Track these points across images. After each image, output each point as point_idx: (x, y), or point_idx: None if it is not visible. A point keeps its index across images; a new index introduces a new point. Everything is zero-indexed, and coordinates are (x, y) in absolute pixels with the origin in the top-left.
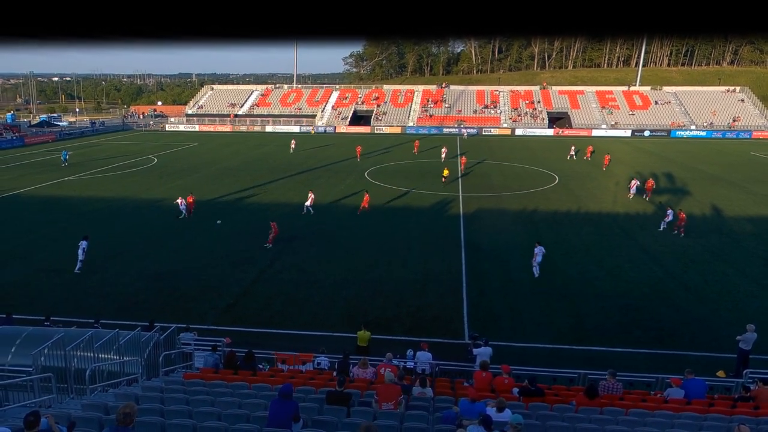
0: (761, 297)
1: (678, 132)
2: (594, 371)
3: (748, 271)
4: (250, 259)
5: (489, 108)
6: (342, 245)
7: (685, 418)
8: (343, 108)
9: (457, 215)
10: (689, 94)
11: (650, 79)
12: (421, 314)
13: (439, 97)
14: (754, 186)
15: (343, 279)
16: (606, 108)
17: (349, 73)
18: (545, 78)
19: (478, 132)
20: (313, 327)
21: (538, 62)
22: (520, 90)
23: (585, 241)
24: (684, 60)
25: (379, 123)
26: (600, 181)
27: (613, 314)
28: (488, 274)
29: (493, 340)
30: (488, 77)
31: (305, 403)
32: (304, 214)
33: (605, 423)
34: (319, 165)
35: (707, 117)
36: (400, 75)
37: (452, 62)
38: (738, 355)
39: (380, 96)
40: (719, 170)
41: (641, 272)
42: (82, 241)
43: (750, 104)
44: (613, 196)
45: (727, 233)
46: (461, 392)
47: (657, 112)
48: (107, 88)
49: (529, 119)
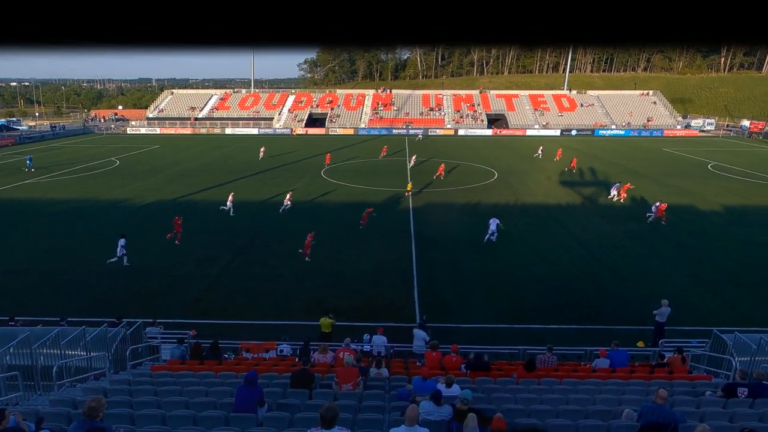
0: (674, 275)
1: (600, 131)
2: (532, 347)
3: (662, 253)
4: (214, 256)
5: (434, 110)
6: (302, 241)
7: (611, 384)
8: (299, 111)
9: (407, 210)
10: (609, 97)
11: (576, 84)
12: (376, 302)
13: (388, 101)
14: (666, 178)
15: (304, 272)
16: (538, 110)
17: (304, 78)
18: (484, 83)
19: (424, 133)
20: (276, 317)
21: (478, 68)
22: (462, 94)
23: (522, 231)
24: (605, 67)
25: (333, 125)
26: (534, 176)
27: (548, 295)
28: (437, 263)
29: (442, 323)
30: (432, 82)
31: (269, 388)
32: (281, 212)
33: (542, 393)
34: (276, 165)
35: (625, 117)
36: (351, 80)
37: (400, 68)
38: (655, 327)
39: (334, 100)
40: (636, 164)
41: (572, 257)
42: (120, 239)
43: (661, 106)
44: (546, 190)
45: (644, 220)
46: (414, 371)
47: (582, 113)
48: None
49: (470, 120)
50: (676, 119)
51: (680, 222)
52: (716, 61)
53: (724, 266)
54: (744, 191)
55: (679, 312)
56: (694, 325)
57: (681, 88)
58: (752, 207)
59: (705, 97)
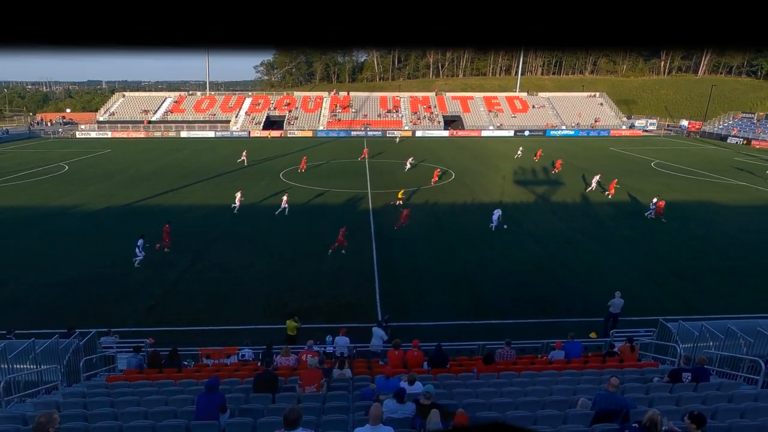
0: (622, 268)
1: (552, 131)
2: (492, 342)
3: (611, 247)
4: (171, 261)
5: (391, 112)
6: (262, 244)
7: (567, 374)
8: (256, 113)
9: (367, 210)
10: (559, 99)
11: (527, 86)
12: (338, 303)
13: (346, 103)
14: (613, 175)
15: (264, 275)
16: (492, 111)
17: (260, 80)
18: (439, 85)
19: (383, 134)
20: (236, 322)
21: (433, 71)
22: (419, 96)
23: (479, 229)
24: (554, 69)
25: (291, 127)
26: (490, 176)
27: (506, 291)
28: (397, 262)
29: (403, 321)
30: (390, 84)
31: (232, 393)
32: (278, 215)
33: (502, 386)
34: (235, 168)
35: (574, 118)
36: (309, 82)
37: (357, 70)
38: (606, 318)
39: (291, 102)
40: (585, 163)
41: (527, 253)
42: (139, 239)
43: (607, 107)
44: (501, 189)
45: (594, 216)
46: (377, 370)
47: (534, 114)
48: (10, 95)
49: (427, 122)
50: (621, 119)
51: (627, 217)
52: (657, 64)
53: (667, 258)
54: (685, 187)
55: (628, 303)
56: (641, 315)
57: (625, 90)
58: (693, 202)
59: (647, 98)
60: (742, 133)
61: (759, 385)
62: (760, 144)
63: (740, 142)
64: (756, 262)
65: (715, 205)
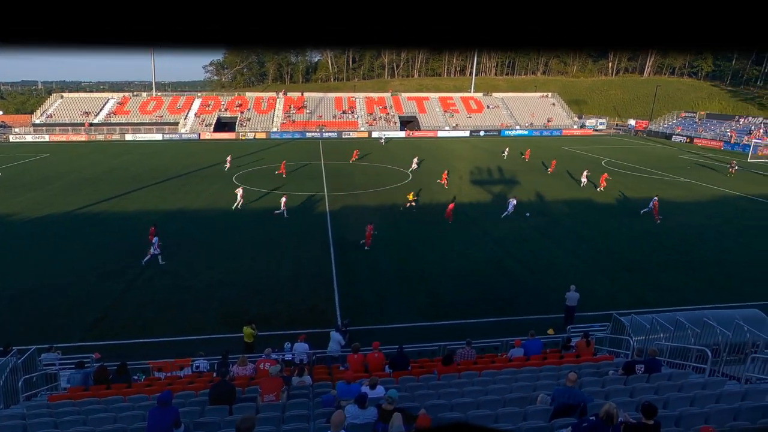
0: (577, 264)
1: (506, 131)
2: (452, 342)
3: (566, 244)
4: (119, 270)
5: (347, 113)
6: (216, 249)
7: (526, 372)
8: (206, 115)
9: (324, 213)
10: (513, 99)
11: (481, 87)
12: (296, 308)
13: (300, 104)
14: (566, 174)
15: (219, 281)
16: (448, 112)
17: (210, 80)
18: (395, 85)
19: (338, 135)
20: (190, 332)
21: (388, 71)
22: (374, 96)
23: (438, 229)
24: (507, 70)
25: (243, 129)
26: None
27: (465, 290)
28: (356, 265)
29: (363, 325)
30: (344, 85)
31: (186, 407)
32: (279, 216)
33: (463, 386)
34: (184, 171)
35: (528, 118)
36: (261, 83)
37: (311, 71)
38: (565, 312)
39: (243, 103)
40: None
41: (485, 252)
42: (153, 237)
43: (559, 107)
44: (459, 188)
45: (549, 215)
46: (338, 376)
47: (489, 114)
48: None
49: (383, 123)
50: (572, 119)
51: (580, 215)
52: (605, 65)
53: (619, 254)
54: (634, 184)
55: (583, 299)
56: (596, 310)
57: (576, 91)
58: (642, 199)
59: (597, 98)
60: (686, 131)
61: (706, 374)
62: (702, 142)
63: (684, 140)
64: (701, 255)
65: (663, 202)
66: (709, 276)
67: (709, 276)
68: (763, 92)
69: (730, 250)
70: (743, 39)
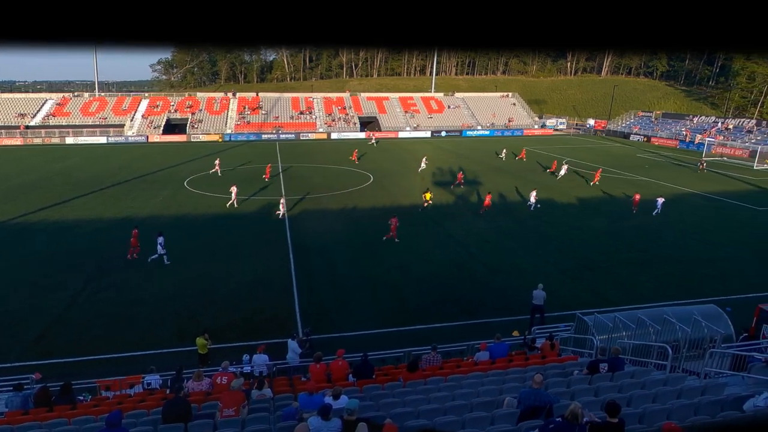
0: (540, 265)
1: (468, 132)
2: (418, 347)
3: (529, 245)
4: (60, 284)
5: (304, 114)
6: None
7: (492, 375)
8: (155, 116)
9: (282, 218)
10: (474, 99)
11: (442, 86)
12: (255, 317)
13: (255, 104)
14: (527, 174)
15: (171, 293)
16: (408, 112)
17: (158, 80)
18: (353, 85)
19: (296, 137)
20: (141, 347)
21: (347, 71)
22: (333, 97)
23: (400, 232)
24: (468, 70)
25: (195, 131)
26: (409, 178)
27: (429, 294)
28: (316, 271)
29: (326, 333)
30: (301, 84)
31: (137, 427)
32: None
33: (429, 392)
34: (132, 177)
35: (489, 118)
36: (213, 82)
37: (266, 70)
38: (531, 311)
39: (194, 104)
40: (501, 163)
41: (449, 254)
42: (158, 237)
43: (520, 107)
44: (421, 190)
45: (512, 215)
46: (300, 387)
47: (450, 115)
48: None
49: (342, 124)
50: (533, 119)
51: (543, 215)
52: (564, 65)
53: (581, 253)
54: (597, 185)
55: (547, 298)
56: (560, 310)
57: (536, 90)
58: (602, 198)
59: (556, 98)
60: (643, 131)
61: (667, 370)
62: (658, 141)
63: (641, 139)
64: (659, 253)
65: (622, 200)
66: (667, 273)
67: (667, 273)
68: (715, 92)
69: (687, 247)
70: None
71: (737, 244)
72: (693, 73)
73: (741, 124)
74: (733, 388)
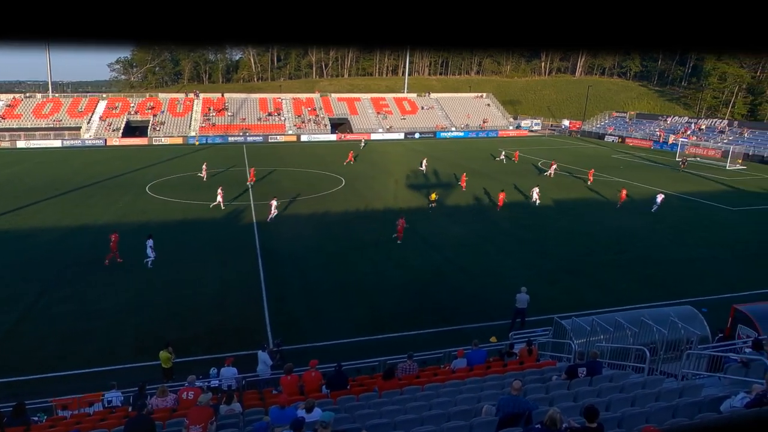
0: (517, 269)
1: (442, 133)
2: (393, 356)
3: (506, 248)
4: (11, 297)
5: (273, 115)
6: (128, 268)
7: (470, 383)
8: (113, 119)
9: (250, 224)
10: (448, 100)
11: (415, 87)
12: (223, 329)
13: (221, 106)
14: (503, 176)
15: (133, 304)
16: (381, 113)
17: (117, 80)
18: (324, 86)
19: (264, 140)
20: (100, 363)
21: (317, 71)
22: (302, 97)
23: (374, 237)
24: (441, 70)
25: (157, 134)
26: (382, 180)
27: (404, 301)
28: (286, 278)
29: (297, 343)
30: (269, 85)
31: None
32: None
33: (406, 402)
34: (90, 182)
35: (463, 119)
36: (176, 83)
37: (232, 69)
38: (513, 315)
39: (156, 105)
40: (477, 165)
41: (424, 260)
42: (148, 240)
43: (494, 108)
44: (394, 194)
45: (488, 218)
46: (271, 401)
47: (424, 116)
48: None
49: (312, 125)
50: (508, 120)
51: (519, 217)
52: (538, 65)
53: (558, 256)
54: (570, 185)
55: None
56: (538, 314)
57: (510, 91)
58: (578, 200)
59: (531, 99)
60: (617, 131)
61: (645, 373)
62: (633, 142)
63: (616, 140)
64: (636, 254)
65: (597, 202)
66: (644, 274)
67: (644, 274)
68: (687, 92)
69: (664, 248)
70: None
71: (712, 245)
72: (666, 74)
73: (713, 125)
74: (710, 389)
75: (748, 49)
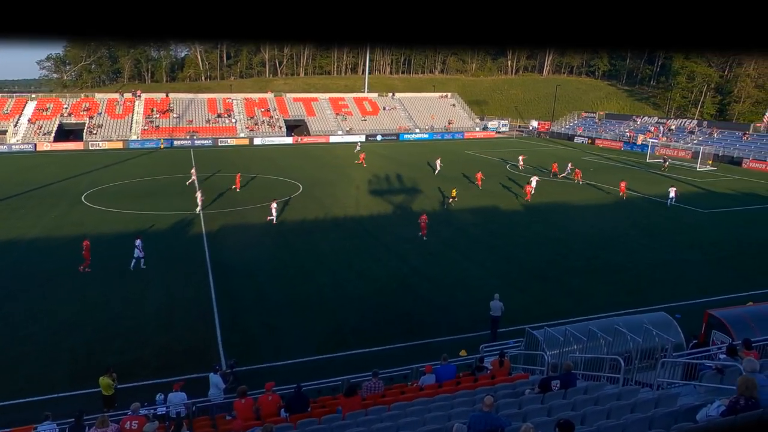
0: (486, 277)
1: (405, 135)
2: (358, 374)
3: (474, 256)
4: None
5: (223, 117)
6: (62, 285)
7: (439, 400)
8: (44, 121)
9: (199, 235)
10: (411, 100)
11: (376, 86)
12: (170, 350)
13: (165, 107)
14: (472, 180)
15: (67, 326)
16: (340, 114)
17: (47, 79)
18: (278, 85)
19: (213, 143)
20: (31, 392)
21: (270, 69)
22: (255, 98)
23: (334, 247)
24: (404, 68)
25: (94, 138)
26: (341, 186)
27: (368, 314)
28: (239, 292)
29: (253, 364)
30: (219, 84)
31: None
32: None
33: (371, 423)
34: (17, 192)
35: (428, 121)
36: (115, 82)
37: (177, 68)
38: (491, 323)
39: (92, 106)
40: (443, 168)
41: (388, 270)
42: (136, 240)
43: (460, 108)
44: (356, 200)
45: (455, 225)
46: (224, 427)
47: (386, 117)
48: None
49: (266, 128)
50: (474, 121)
51: (488, 223)
52: (504, 63)
53: (529, 263)
54: (540, 189)
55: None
56: (510, 325)
57: (476, 91)
58: (549, 204)
59: (498, 99)
60: (587, 132)
61: (620, 383)
62: (602, 143)
63: (585, 141)
64: (609, 259)
65: (567, 206)
66: (617, 280)
67: (617, 280)
68: (656, 92)
69: (636, 253)
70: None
71: (685, 248)
72: (634, 73)
73: (683, 125)
74: (686, 398)
75: (715, 47)
